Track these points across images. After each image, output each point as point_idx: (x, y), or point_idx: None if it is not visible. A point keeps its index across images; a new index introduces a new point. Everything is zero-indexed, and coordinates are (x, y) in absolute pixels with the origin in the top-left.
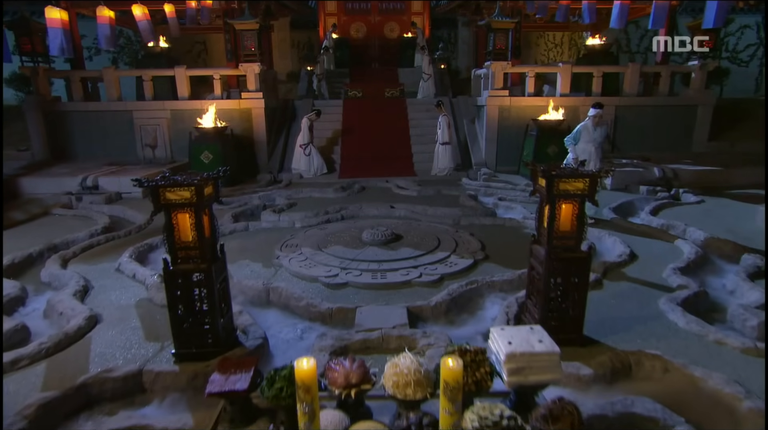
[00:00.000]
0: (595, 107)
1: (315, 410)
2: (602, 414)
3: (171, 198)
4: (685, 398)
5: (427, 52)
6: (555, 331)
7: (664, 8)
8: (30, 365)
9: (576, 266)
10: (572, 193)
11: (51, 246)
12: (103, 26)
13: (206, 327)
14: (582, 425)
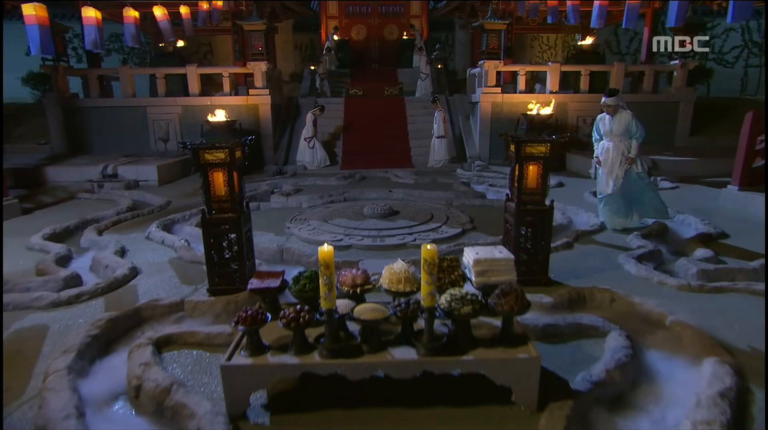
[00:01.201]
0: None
1: (332, 282)
2: (555, 324)
3: (209, 158)
4: (625, 317)
5: (424, 53)
6: (524, 273)
7: (635, 9)
8: (89, 300)
9: (541, 217)
10: (536, 156)
11: (84, 221)
12: (129, 25)
13: (234, 267)
14: (524, 298)
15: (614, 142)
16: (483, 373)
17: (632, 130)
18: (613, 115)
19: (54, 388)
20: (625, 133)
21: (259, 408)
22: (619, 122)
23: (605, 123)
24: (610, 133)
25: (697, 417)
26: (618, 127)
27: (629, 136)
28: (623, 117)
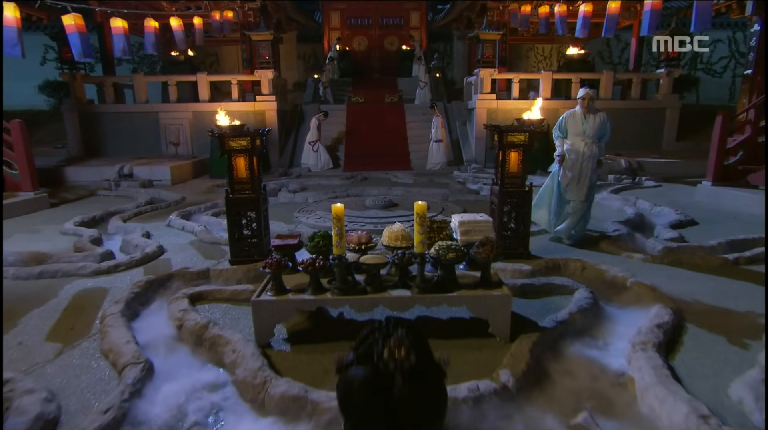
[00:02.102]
0: (583, 88)
1: (342, 232)
2: (531, 284)
3: (233, 145)
4: (594, 281)
5: (423, 63)
6: (507, 247)
7: (614, 19)
8: (125, 270)
9: (521, 197)
10: (517, 144)
11: (108, 212)
12: (149, 35)
13: (253, 241)
14: (498, 248)
15: (586, 144)
16: (465, 307)
17: (605, 132)
18: (587, 112)
19: (112, 325)
20: (598, 133)
21: (281, 341)
22: (594, 121)
23: (576, 121)
24: (583, 133)
25: (636, 340)
26: (593, 126)
27: (599, 138)
28: (599, 116)
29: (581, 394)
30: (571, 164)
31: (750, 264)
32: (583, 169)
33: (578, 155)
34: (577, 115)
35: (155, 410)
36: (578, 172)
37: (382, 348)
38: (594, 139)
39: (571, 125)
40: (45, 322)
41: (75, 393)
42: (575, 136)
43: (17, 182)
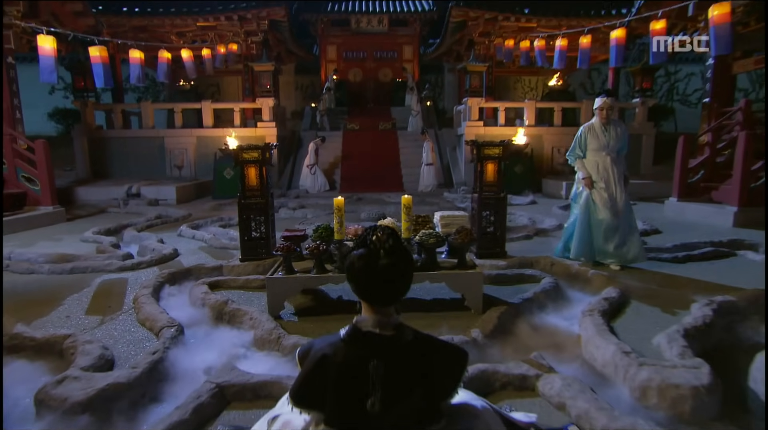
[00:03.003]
0: (600, 96)
1: (342, 221)
2: (504, 274)
3: (245, 157)
4: (561, 274)
5: (415, 92)
6: (486, 247)
7: (586, 53)
8: (147, 267)
9: (497, 204)
10: (493, 156)
11: (121, 225)
12: (162, 64)
13: (262, 241)
14: (472, 235)
15: (611, 158)
16: (444, 283)
17: (626, 143)
18: (606, 124)
19: (145, 302)
20: (620, 145)
21: (289, 314)
22: (616, 133)
23: (597, 134)
24: (606, 146)
25: (585, 308)
26: (615, 138)
27: (619, 151)
28: (619, 125)
29: (537, 345)
30: (604, 182)
31: (698, 260)
32: (617, 186)
33: (606, 171)
34: (596, 128)
35: (189, 357)
36: (612, 188)
37: (372, 236)
38: (618, 152)
39: (592, 140)
40: (84, 303)
41: (122, 348)
42: (597, 151)
43: (38, 197)
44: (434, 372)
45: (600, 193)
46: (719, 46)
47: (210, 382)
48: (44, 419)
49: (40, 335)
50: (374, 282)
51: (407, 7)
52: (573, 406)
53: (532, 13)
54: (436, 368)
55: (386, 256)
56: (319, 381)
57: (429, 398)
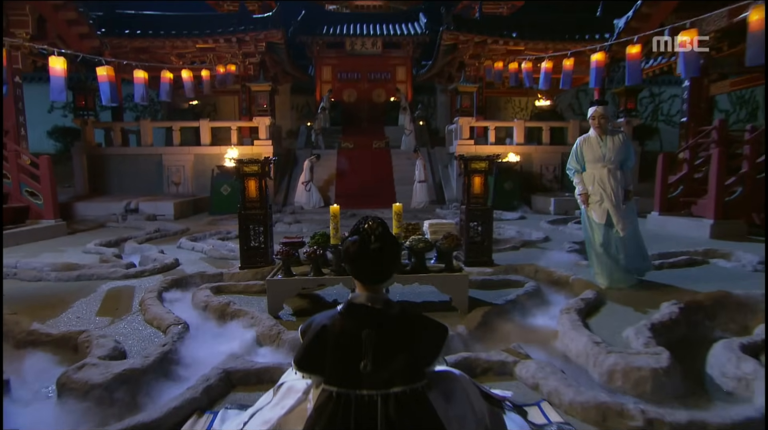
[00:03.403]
0: (592, 106)
1: (338, 227)
2: (490, 279)
3: (246, 170)
4: (544, 280)
5: (408, 112)
6: (474, 256)
7: (569, 74)
8: (150, 275)
9: (484, 215)
10: (479, 170)
11: (122, 238)
12: (164, 84)
13: (261, 250)
14: (458, 240)
15: (609, 170)
16: (432, 285)
17: (628, 156)
18: (603, 133)
19: (151, 304)
20: (620, 157)
21: (287, 315)
22: (613, 143)
23: (592, 147)
24: (602, 158)
25: (564, 308)
26: (613, 149)
27: (622, 163)
28: (618, 137)
29: (518, 339)
30: (598, 197)
31: (670, 268)
32: (617, 200)
33: (603, 183)
34: (592, 139)
35: (196, 349)
36: (613, 203)
37: (364, 225)
38: (616, 165)
39: (588, 151)
40: (92, 306)
41: (132, 343)
42: (593, 163)
43: (40, 211)
44: (417, 340)
45: (594, 208)
46: (688, 69)
47: (217, 368)
48: (66, 400)
49: (56, 331)
50: (366, 263)
51: (400, 31)
52: (545, 385)
53: (520, 37)
54: (419, 337)
55: (376, 241)
56: (320, 348)
57: (413, 362)
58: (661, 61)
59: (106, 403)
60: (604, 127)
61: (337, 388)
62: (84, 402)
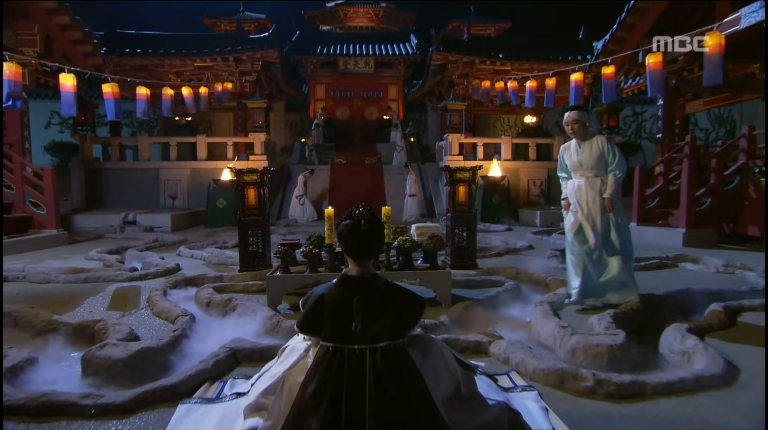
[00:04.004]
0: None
1: (333, 228)
2: (473, 279)
3: (245, 179)
4: (523, 280)
5: (400, 129)
6: (459, 260)
7: (552, 93)
8: (153, 278)
9: (468, 222)
10: (464, 179)
11: (122, 247)
12: (165, 101)
13: (260, 252)
14: (442, 240)
15: (587, 179)
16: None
17: (608, 160)
18: (581, 139)
19: (158, 299)
20: (599, 164)
21: (285, 309)
22: (590, 150)
23: (571, 153)
24: (580, 165)
25: (539, 301)
26: (590, 156)
27: (605, 168)
28: (596, 142)
29: (496, 327)
30: (573, 207)
31: (642, 270)
32: (590, 211)
33: (580, 192)
34: (572, 146)
35: (204, 335)
36: (586, 212)
37: (356, 211)
38: (596, 173)
39: (568, 159)
40: (102, 303)
41: (144, 331)
42: (574, 171)
43: (43, 221)
44: (399, 306)
45: (569, 218)
46: (654, 88)
47: (225, 346)
48: (90, 374)
49: (74, 321)
50: (357, 242)
51: (392, 51)
52: (513, 357)
53: (506, 58)
54: (401, 303)
55: (365, 224)
56: (318, 313)
57: (395, 322)
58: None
59: (126, 375)
60: (580, 133)
61: (333, 343)
62: (107, 374)
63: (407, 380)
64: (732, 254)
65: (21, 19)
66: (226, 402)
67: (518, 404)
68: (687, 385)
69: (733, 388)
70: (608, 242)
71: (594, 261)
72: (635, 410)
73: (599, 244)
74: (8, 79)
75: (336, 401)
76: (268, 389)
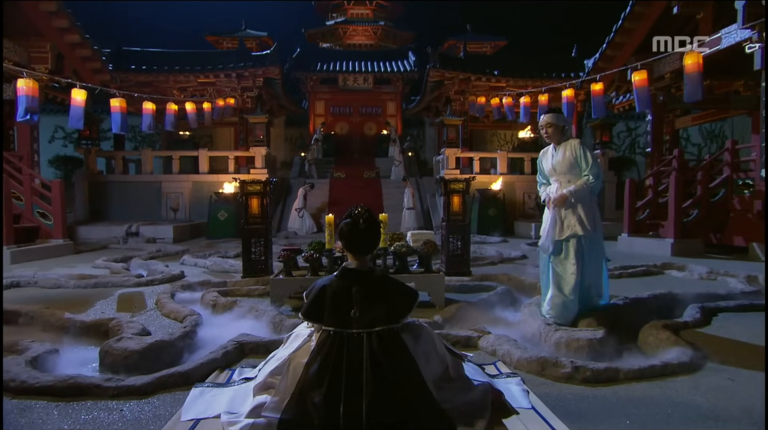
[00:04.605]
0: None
1: (333, 234)
2: (466, 285)
3: (249, 189)
4: (515, 286)
5: (398, 144)
6: (453, 267)
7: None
8: (159, 284)
9: (462, 230)
10: (457, 190)
11: (126, 256)
12: (169, 115)
13: (262, 259)
14: (435, 246)
15: (560, 184)
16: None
17: (582, 165)
18: (556, 143)
19: (167, 301)
20: (572, 169)
21: (287, 311)
22: (563, 154)
23: (548, 157)
24: (554, 170)
25: (527, 303)
26: (562, 160)
27: (579, 174)
28: (569, 146)
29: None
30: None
31: (628, 276)
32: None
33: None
34: (548, 151)
35: (211, 333)
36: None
37: (355, 211)
38: (569, 178)
39: (544, 164)
40: (112, 305)
41: (155, 329)
42: (550, 176)
43: (50, 231)
44: (393, 295)
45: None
46: (641, 104)
47: (232, 340)
48: (107, 364)
49: (89, 319)
50: (356, 239)
51: (390, 68)
52: (500, 349)
53: (501, 75)
54: (395, 293)
55: (364, 223)
56: (321, 302)
57: (390, 309)
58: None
59: (141, 366)
60: (555, 136)
61: (334, 328)
62: (124, 364)
63: (400, 360)
64: (717, 263)
65: (34, 38)
66: (235, 386)
67: (502, 387)
68: (656, 371)
69: (697, 374)
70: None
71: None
72: (608, 392)
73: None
74: (26, 94)
75: (336, 378)
76: (275, 370)
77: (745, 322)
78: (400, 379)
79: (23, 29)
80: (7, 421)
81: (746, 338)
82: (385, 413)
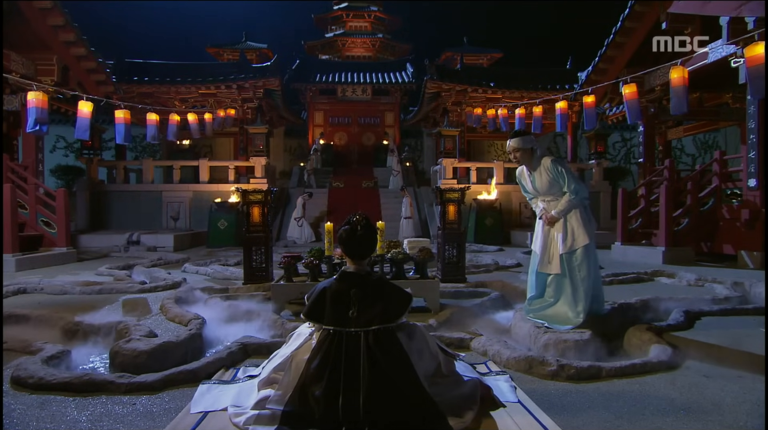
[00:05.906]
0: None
1: (332, 241)
2: (461, 291)
3: (251, 198)
4: (509, 292)
5: (396, 154)
6: (449, 274)
7: (539, 119)
8: (162, 290)
9: (458, 238)
10: (453, 199)
11: (128, 264)
12: (171, 126)
13: (263, 266)
14: (431, 252)
15: (548, 203)
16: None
17: (560, 183)
18: (529, 166)
19: (171, 306)
20: (552, 189)
21: (288, 316)
22: (540, 178)
23: (525, 180)
24: (537, 191)
25: (517, 309)
26: (540, 182)
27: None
28: (543, 168)
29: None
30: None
31: (618, 283)
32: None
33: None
34: (524, 173)
35: (216, 335)
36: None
37: (353, 218)
38: (552, 197)
39: (524, 184)
40: (118, 310)
41: (161, 332)
42: (535, 197)
43: (53, 239)
44: (389, 297)
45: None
46: (632, 115)
47: (236, 341)
48: (117, 364)
49: (97, 322)
50: (354, 244)
51: (389, 79)
52: (490, 349)
53: (497, 86)
54: (391, 295)
55: (362, 229)
56: (321, 303)
57: (386, 310)
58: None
59: (149, 365)
60: (525, 160)
61: (333, 327)
62: (133, 363)
63: (395, 357)
64: (706, 270)
65: (40, 51)
66: (240, 383)
67: (491, 384)
68: (637, 369)
69: (675, 372)
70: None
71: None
72: (590, 388)
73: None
74: (36, 106)
75: (336, 373)
76: (279, 366)
77: (725, 325)
78: (394, 374)
79: (31, 42)
80: (27, 414)
81: (724, 340)
82: (380, 405)
